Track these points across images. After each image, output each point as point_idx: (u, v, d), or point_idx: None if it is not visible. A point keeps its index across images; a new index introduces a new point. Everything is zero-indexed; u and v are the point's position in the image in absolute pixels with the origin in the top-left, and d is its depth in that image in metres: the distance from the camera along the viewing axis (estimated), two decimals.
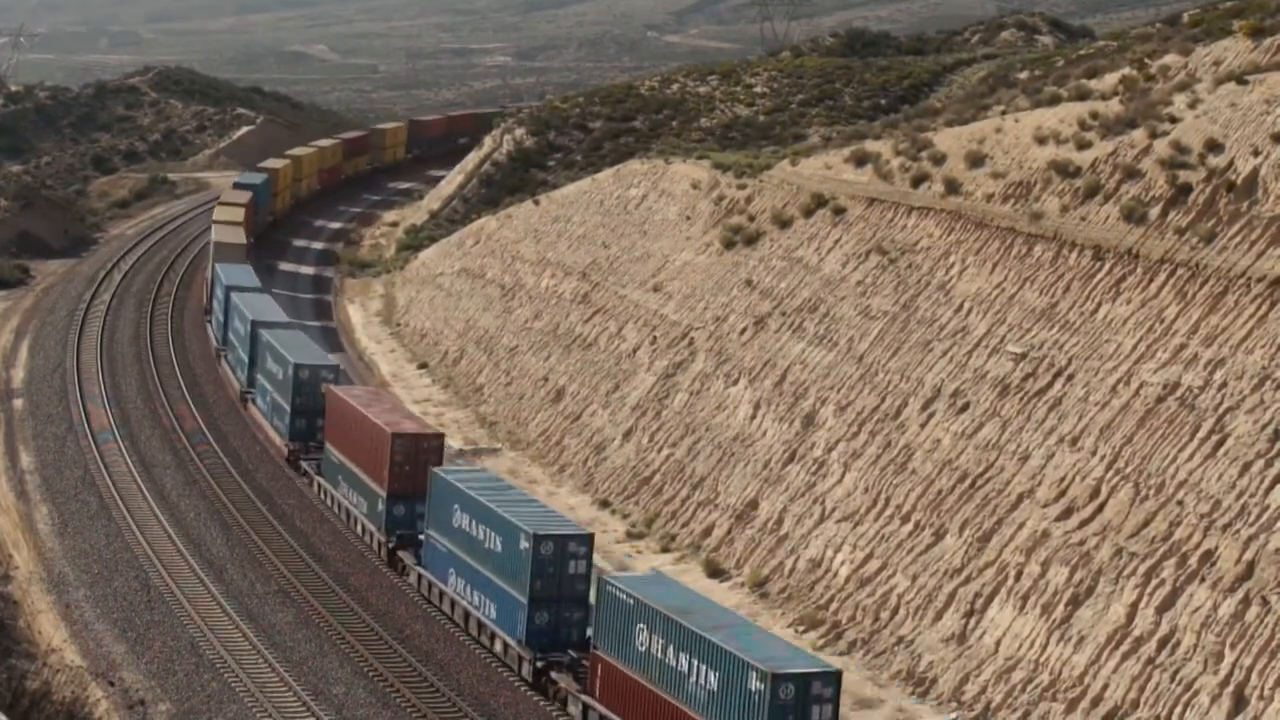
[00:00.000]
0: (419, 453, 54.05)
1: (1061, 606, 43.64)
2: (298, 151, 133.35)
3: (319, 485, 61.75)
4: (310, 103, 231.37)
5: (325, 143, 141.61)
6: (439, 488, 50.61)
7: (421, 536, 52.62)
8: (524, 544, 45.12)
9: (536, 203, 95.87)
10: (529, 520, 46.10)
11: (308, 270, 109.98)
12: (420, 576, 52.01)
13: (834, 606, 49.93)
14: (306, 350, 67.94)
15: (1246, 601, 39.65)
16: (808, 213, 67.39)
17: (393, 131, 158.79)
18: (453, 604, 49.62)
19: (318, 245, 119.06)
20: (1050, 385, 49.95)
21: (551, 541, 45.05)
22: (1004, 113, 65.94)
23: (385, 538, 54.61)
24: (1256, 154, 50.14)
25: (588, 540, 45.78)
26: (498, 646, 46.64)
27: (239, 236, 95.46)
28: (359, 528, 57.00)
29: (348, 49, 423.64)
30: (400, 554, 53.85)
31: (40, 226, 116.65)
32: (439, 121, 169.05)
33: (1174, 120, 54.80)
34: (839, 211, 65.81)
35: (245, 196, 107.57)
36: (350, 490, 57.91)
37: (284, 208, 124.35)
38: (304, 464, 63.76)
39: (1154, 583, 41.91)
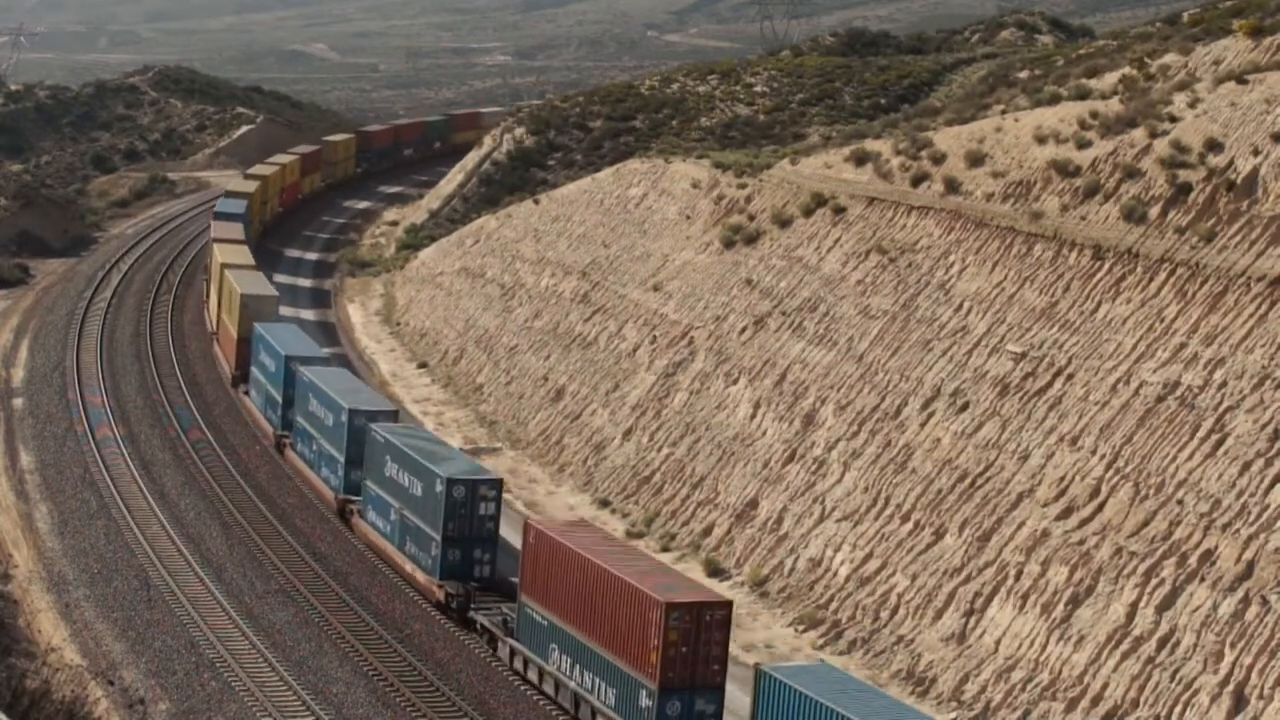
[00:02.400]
0: (700, 628, 39.66)
1: (1061, 606, 43.64)
2: (261, 170, 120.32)
3: (514, 651, 45.87)
4: (310, 102, 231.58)
5: (285, 159, 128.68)
6: (772, 693, 36.31)
7: None
8: None
9: (536, 202, 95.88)
10: None
11: (308, 314, 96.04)
12: None
13: (834, 606, 49.92)
14: (451, 458, 52.78)
15: (1246, 601, 39.65)
16: (808, 212, 67.39)
17: (343, 144, 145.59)
18: None
19: (305, 281, 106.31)
20: (1050, 385, 49.94)
21: None
22: (1004, 112, 65.95)
23: None
24: (1256, 153, 50.14)
25: None
26: None
27: (265, 286, 79.04)
28: None
29: (347, 48, 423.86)
30: None
31: (40, 225, 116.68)
32: (386, 132, 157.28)
33: (1174, 120, 54.81)
34: (839, 211, 65.81)
35: (238, 229, 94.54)
36: (580, 669, 42.51)
37: (255, 236, 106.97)
38: (480, 618, 47.85)
39: (1154, 582, 41.91)
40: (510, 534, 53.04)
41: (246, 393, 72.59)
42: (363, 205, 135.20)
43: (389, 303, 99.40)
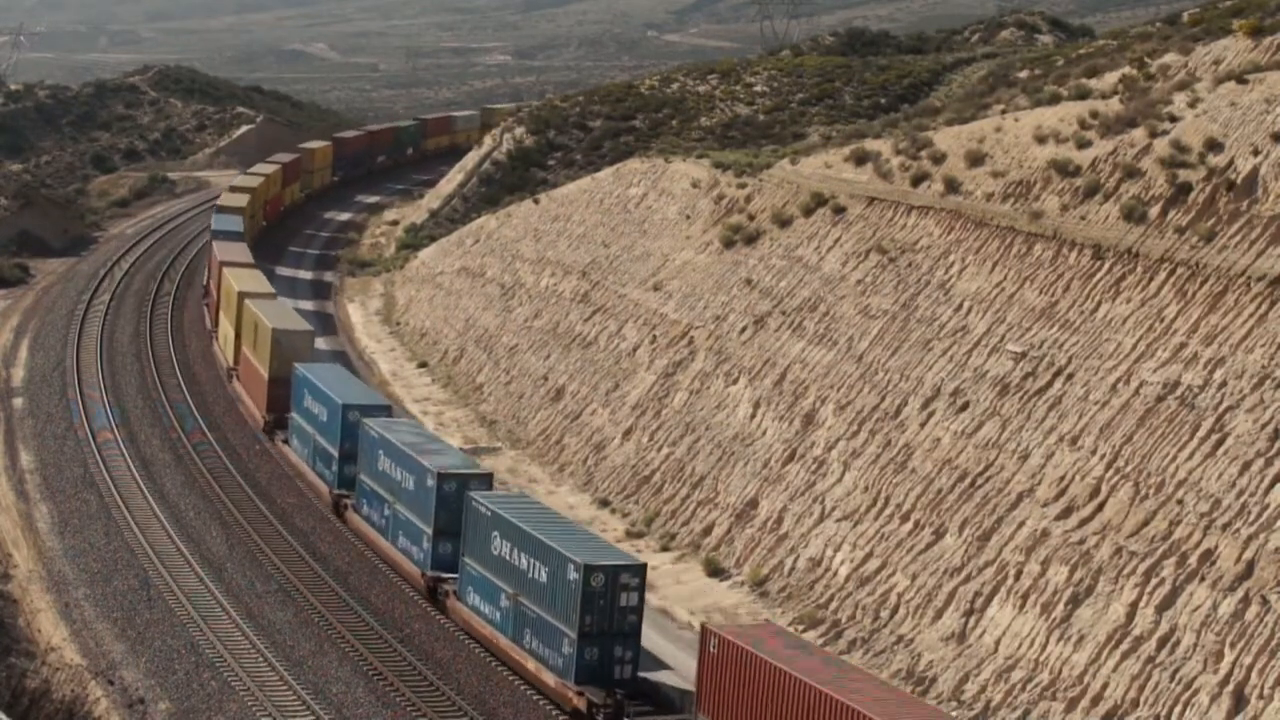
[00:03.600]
0: None
1: (1061, 606, 43.64)
2: (247, 182, 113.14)
3: None
4: (310, 101, 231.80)
5: (267, 169, 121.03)
6: None
7: None
8: None
9: (536, 201, 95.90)
10: None
11: (318, 343, 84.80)
12: None
13: (834, 605, 49.92)
14: (583, 538, 44.96)
15: (1246, 601, 39.65)
16: (807, 212, 67.39)
17: (320, 152, 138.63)
18: None
19: (306, 304, 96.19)
20: (1050, 384, 49.94)
21: None
22: (1004, 112, 65.95)
23: None
24: (1256, 153, 50.13)
25: None
26: None
27: (295, 318, 71.22)
28: None
29: (347, 47, 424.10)
30: None
31: (40, 225, 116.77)
32: (360, 138, 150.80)
33: (1174, 119, 54.81)
34: (839, 210, 65.81)
35: (243, 250, 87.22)
36: None
37: None
38: None
39: (1154, 582, 41.91)
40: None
41: (285, 441, 64.74)
42: (344, 217, 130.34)
43: (389, 302, 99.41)
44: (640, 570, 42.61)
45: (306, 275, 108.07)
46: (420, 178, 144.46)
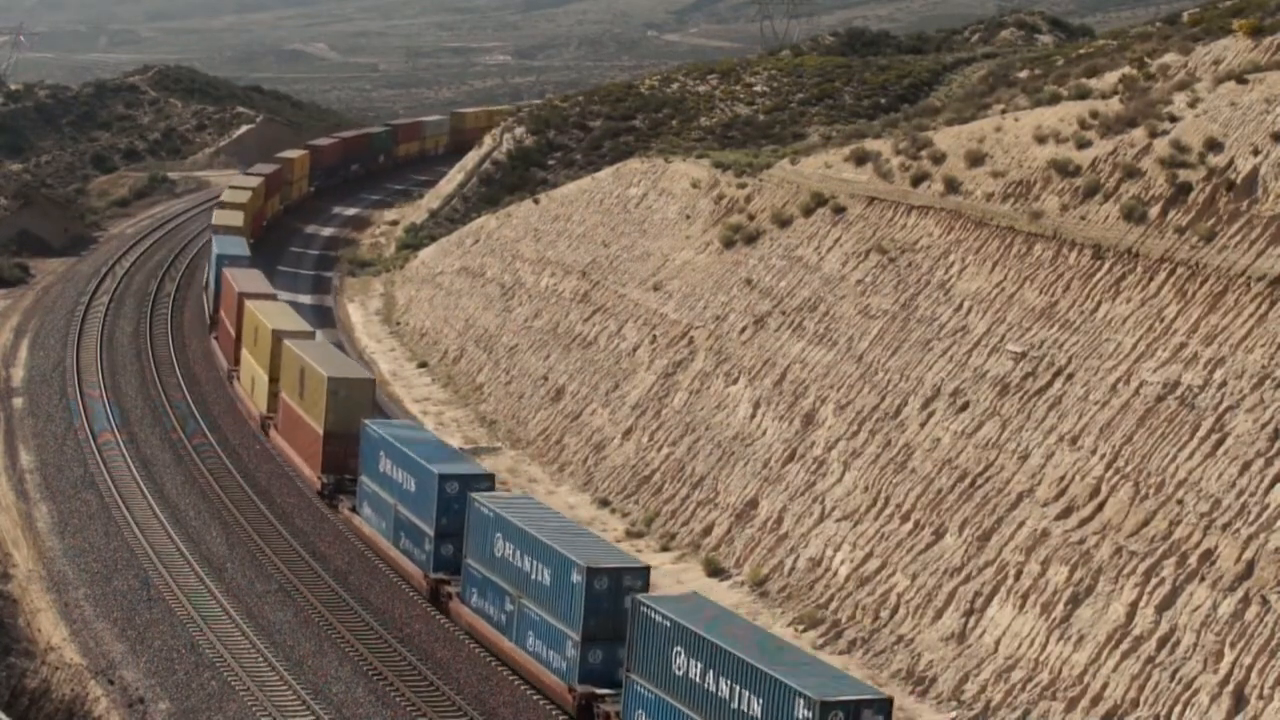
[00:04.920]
0: None
1: (1061, 605, 43.65)
2: (235, 198, 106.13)
3: None
4: (310, 101, 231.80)
5: (252, 181, 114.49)
6: None
7: None
8: None
9: (536, 201, 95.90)
10: None
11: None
12: None
13: (834, 605, 49.93)
14: (798, 662, 36.51)
15: (1246, 601, 39.65)
16: (807, 212, 67.39)
17: (299, 162, 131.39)
18: None
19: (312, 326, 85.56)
20: (1050, 384, 49.95)
21: None
22: (1004, 112, 65.96)
23: None
24: (1256, 153, 50.14)
25: None
26: None
27: (349, 364, 64.10)
28: None
29: (347, 47, 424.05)
30: None
31: (40, 225, 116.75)
32: (335, 146, 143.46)
33: (1174, 119, 54.82)
34: (839, 210, 65.82)
35: (258, 279, 79.10)
36: None
37: None
38: None
39: (1154, 582, 41.92)
40: None
41: (353, 509, 56.36)
42: (327, 232, 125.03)
43: (389, 302, 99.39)
44: (886, 706, 34.80)
45: (306, 299, 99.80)
46: (394, 187, 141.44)
